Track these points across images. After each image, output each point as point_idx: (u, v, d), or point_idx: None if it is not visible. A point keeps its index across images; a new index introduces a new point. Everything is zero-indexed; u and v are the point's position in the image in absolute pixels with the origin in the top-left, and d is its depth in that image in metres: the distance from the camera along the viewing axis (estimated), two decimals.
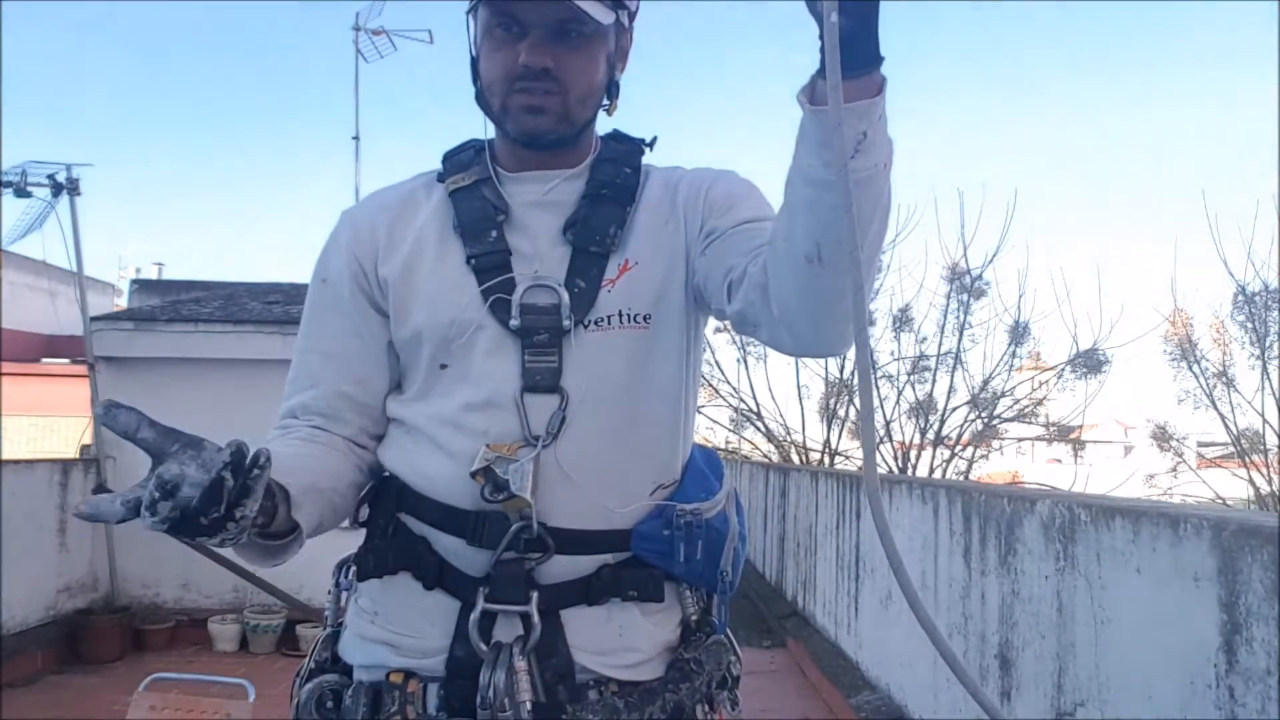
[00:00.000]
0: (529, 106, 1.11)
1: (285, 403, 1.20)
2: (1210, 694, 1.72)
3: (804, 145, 0.91)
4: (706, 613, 1.20)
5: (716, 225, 1.14)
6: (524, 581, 1.08)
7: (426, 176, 1.23)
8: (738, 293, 1.06)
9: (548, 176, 1.17)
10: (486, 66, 1.13)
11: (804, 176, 0.91)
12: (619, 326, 1.12)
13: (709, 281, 1.13)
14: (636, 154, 1.22)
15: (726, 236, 1.12)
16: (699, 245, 1.15)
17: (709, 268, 1.13)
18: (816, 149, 0.89)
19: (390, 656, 1.12)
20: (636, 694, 1.11)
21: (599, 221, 1.15)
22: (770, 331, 1.05)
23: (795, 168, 0.93)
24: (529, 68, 1.08)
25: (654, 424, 1.16)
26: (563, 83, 1.10)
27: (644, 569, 1.14)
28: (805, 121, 0.90)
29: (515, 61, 1.09)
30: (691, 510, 1.14)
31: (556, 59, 1.09)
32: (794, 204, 0.95)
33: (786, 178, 0.96)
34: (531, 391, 1.10)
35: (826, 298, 0.96)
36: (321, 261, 1.22)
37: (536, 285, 1.12)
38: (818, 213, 0.91)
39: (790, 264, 0.96)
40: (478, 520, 1.09)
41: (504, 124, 1.14)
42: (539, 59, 1.08)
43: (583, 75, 1.12)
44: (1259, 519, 1.74)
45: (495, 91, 1.12)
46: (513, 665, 1.05)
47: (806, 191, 0.91)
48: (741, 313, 1.06)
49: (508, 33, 1.09)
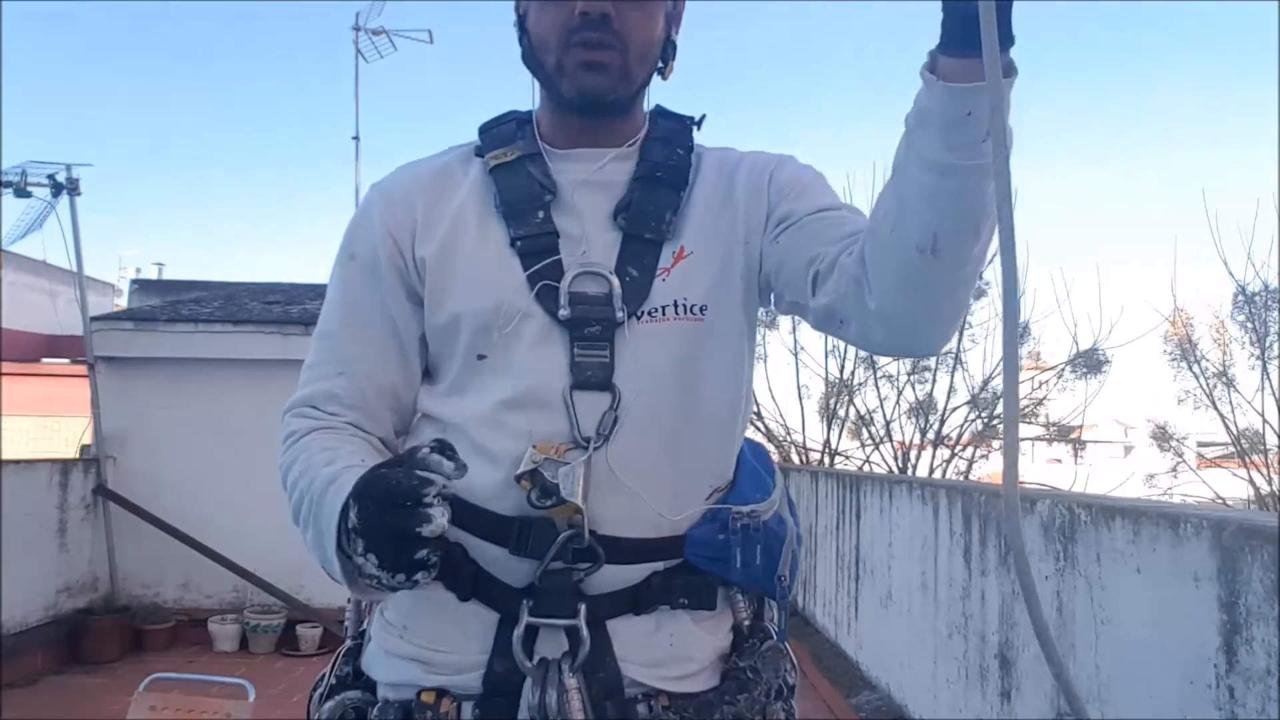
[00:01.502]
0: (588, 63, 1.02)
1: (303, 389, 1.10)
2: (1210, 694, 1.71)
3: (925, 129, 0.83)
4: (758, 616, 1.12)
5: (791, 210, 1.05)
6: (572, 593, 1.00)
7: (461, 150, 1.14)
8: (825, 284, 0.98)
9: (598, 154, 1.09)
10: (538, 20, 1.05)
11: (922, 162, 0.84)
12: (674, 318, 1.04)
13: (786, 271, 1.04)
14: (687, 133, 1.14)
15: (804, 224, 1.04)
16: (769, 232, 1.07)
17: (784, 256, 1.04)
18: (942, 130, 0.81)
19: (421, 674, 1.04)
20: (692, 707, 1.03)
21: (653, 206, 1.07)
22: (861, 327, 0.96)
23: (911, 153, 0.85)
24: (588, 16, 1.01)
25: (710, 421, 1.07)
26: (622, 36, 1.02)
27: (696, 575, 1.06)
28: (930, 101, 0.81)
29: (571, 12, 1.01)
30: (748, 512, 1.06)
31: (616, 9, 1.02)
32: (906, 191, 0.87)
33: (895, 163, 0.89)
34: (581, 388, 1.01)
35: (934, 292, 0.90)
36: (349, 237, 1.11)
37: (585, 272, 1.03)
38: (937, 200, 0.84)
39: (898, 255, 0.88)
40: (521, 527, 1.00)
41: (559, 84, 1.05)
42: (599, 5, 1.01)
43: (642, 29, 1.04)
44: (1259, 519, 1.74)
45: (549, 48, 1.04)
46: (563, 684, 0.98)
47: (925, 178, 0.84)
48: (830, 306, 0.98)
49: None
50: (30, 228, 6.14)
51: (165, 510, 5.84)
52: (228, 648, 5.67)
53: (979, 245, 0.87)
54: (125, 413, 6.04)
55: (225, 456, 5.82)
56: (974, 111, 0.78)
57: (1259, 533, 1.62)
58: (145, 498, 5.87)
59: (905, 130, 0.86)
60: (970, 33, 0.74)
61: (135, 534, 5.87)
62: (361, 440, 1.07)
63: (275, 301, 6.87)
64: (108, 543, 5.90)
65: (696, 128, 1.16)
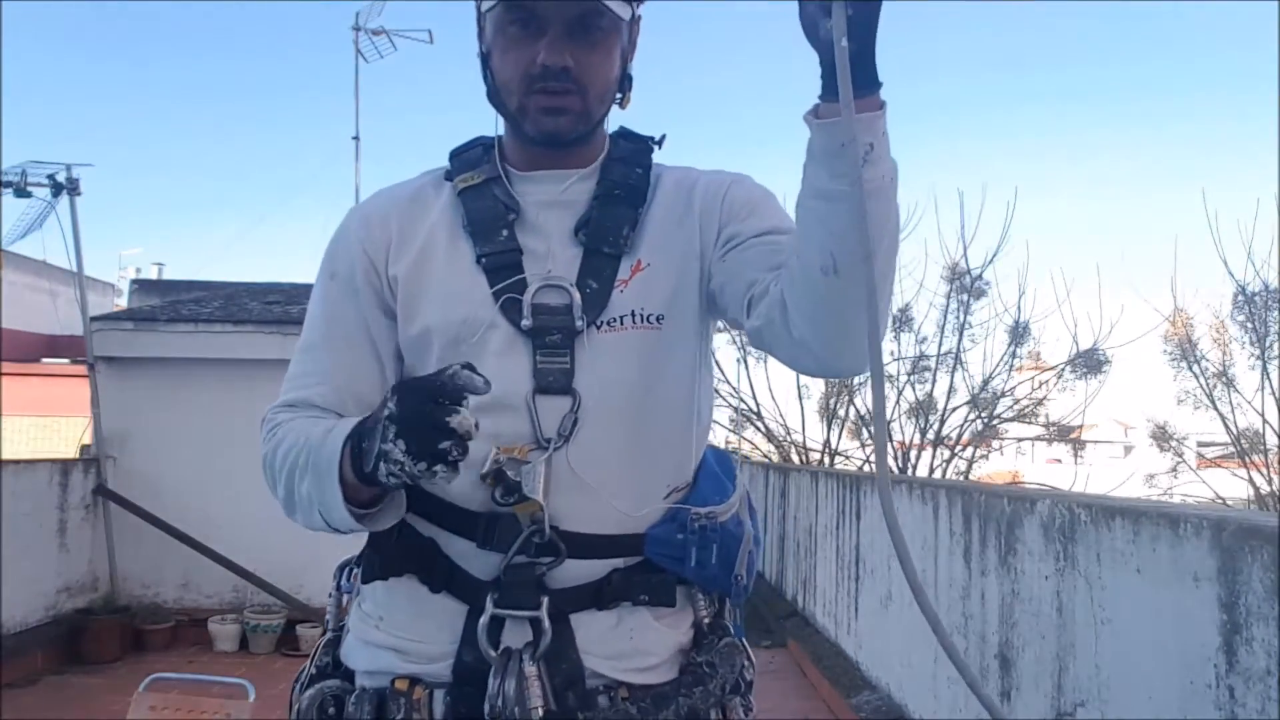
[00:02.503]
0: (549, 108, 1.09)
1: (285, 396, 1.15)
2: (1210, 694, 1.72)
3: (813, 163, 0.93)
4: (718, 615, 1.18)
5: (737, 232, 1.13)
6: (535, 586, 1.06)
7: (434, 174, 1.21)
8: (758, 309, 1.05)
9: (561, 176, 1.16)
10: (501, 65, 1.11)
11: (813, 191, 0.94)
12: (632, 327, 1.11)
13: (727, 292, 1.12)
14: (646, 153, 1.21)
15: (747, 246, 1.11)
16: (718, 250, 1.14)
17: (728, 277, 1.11)
18: (826, 162, 0.91)
19: (396, 662, 1.10)
20: (649, 698, 1.09)
21: (611, 222, 1.14)
22: (788, 352, 1.05)
23: (805, 186, 0.95)
24: (549, 68, 1.07)
25: (667, 426, 1.14)
26: (581, 82, 1.09)
27: (656, 573, 1.11)
28: (814, 139, 0.92)
29: (533, 61, 1.07)
30: (706, 514, 1.12)
31: (575, 57, 1.07)
32: (806, 221, 0.97)
33: (796, 202, 0.98)
34: (543, 393, 1.08)
35: (843, 312, 0.96)
36: (330, 256, 1.19)
37: (548, 285, 1.10)
38: (830, 224, 0.92)
39: (805, 280, 0.97)
40: (489, 523, 1.07)
41: (522, 124, 1.12)
42: (558, 58, 1.06)
43: (600, 72, 1.10)
44: (1259, 519, 1.74)
45: (512, 91, 1.11)
46: (523, 672, 1.03)
47: (818, 205, 0.94)
48: (760, 330, 1.06)
49: (524, 30, 1.08)
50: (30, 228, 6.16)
51: (165, 510, 5.85)
52: (228, 648, 5.67)
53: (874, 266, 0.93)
54: (125, 413, 6.04)
55: (225, 456, 5.81)
56: (846, 143, 0.88)
57: (1259, 533, 1.62)
58: (145, 498, 5.88)
59: (802, 172, 0.96)
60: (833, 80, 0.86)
61: (135, 534, 5.87)
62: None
63: (275, 301, 6.87)
64: (108, 543, 5.90)
65: (657, 147, 1.22)
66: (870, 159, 0.89)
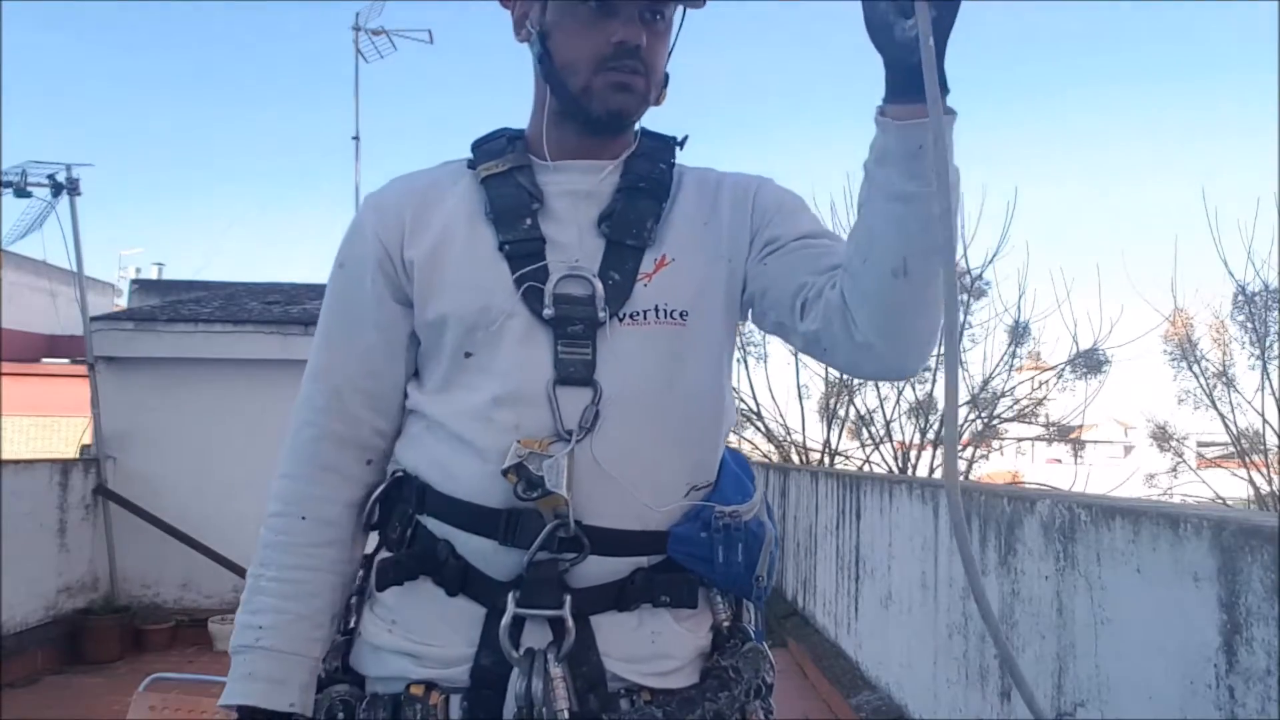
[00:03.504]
0: (619, 84, 1.09)
1: (300, 394, 1.17)
2: (1210, 694, 1.72)
3: (885, 166, 0.93)
4: (737, 618, 1.16)
5: (777, 235, 1.12)
6: (557, 584, 1.04)
7: (453, 164, 1.21)
8: (812, 313, 1.04)
9: (593, 166, 1.15)
10: (570, 44, 1.10)
11: (887, 194, 0.94)
12: (655, 322, 1.10)
13: (772, 295, 1.11)
14: (669, 151, 1.21)
15: (790, 249, 1.10)
16: (755, 254, 1.13)
17: (770, 281, 1.11)
18: (902, 164, 0.91)
19: (410, 667, 1.07)
20: (674, 702, 1.07)
21: (634, 215, 1.13)
22: (848, 356, 1.05)
23: (876, 189, 0.95)
24: (624, 45, 1.07)
25: (690, 422, 1.12)
26: (647, 63, 1.10)
27: (678, 573, 1.10)
28: (888, 142, 0.92)
29: (606, 40, 1.08)
30: (730, 512, 1.10)
31: (645, 39, 1.09)
32: (874, 224, 0.96)
33: (860, 203, 0.99)
34: (564, 384, 1.06)
35: (913, 314, 0.97)
36: (343, 247, 1.18)
37: (571, 275, 1.09)
38: (905, 226, 0.93)
39: (875, 283, 0.96)
40: (509, 519, 1.05)
41: (586, 104, 1.11)
42: (636, 35, 1.08)
43: (659, 58, 1.12)
44: (1259, 519, 1.74)
45: (579, 70, 1.10)
46: (548, 672, 1.01)
47: (891, 208, 0.94)
48: (816, 334, 1.05)
49: (597, 11, 1.08)
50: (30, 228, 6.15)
51: (165, 510, 5.85)
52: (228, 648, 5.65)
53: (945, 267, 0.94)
54: (125, 413, 6.04)
55: (225, 456, 5.81)
56: (924, 145, 0.89)
57: (1259, 533, 1.62)
58: (145, 498, 5.88)
59: (866, 174, 0.97)
60: (912, 81, 0.86)
61: (135, 534, 5.87)
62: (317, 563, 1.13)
63: (275, 301, 6.87)
64: (108, 543, 5.91)
65: (680, 147, 1.22)
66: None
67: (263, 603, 1.10)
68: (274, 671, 1.08)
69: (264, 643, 1.08)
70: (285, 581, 1.10)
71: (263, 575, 1.11)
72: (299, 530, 1.12)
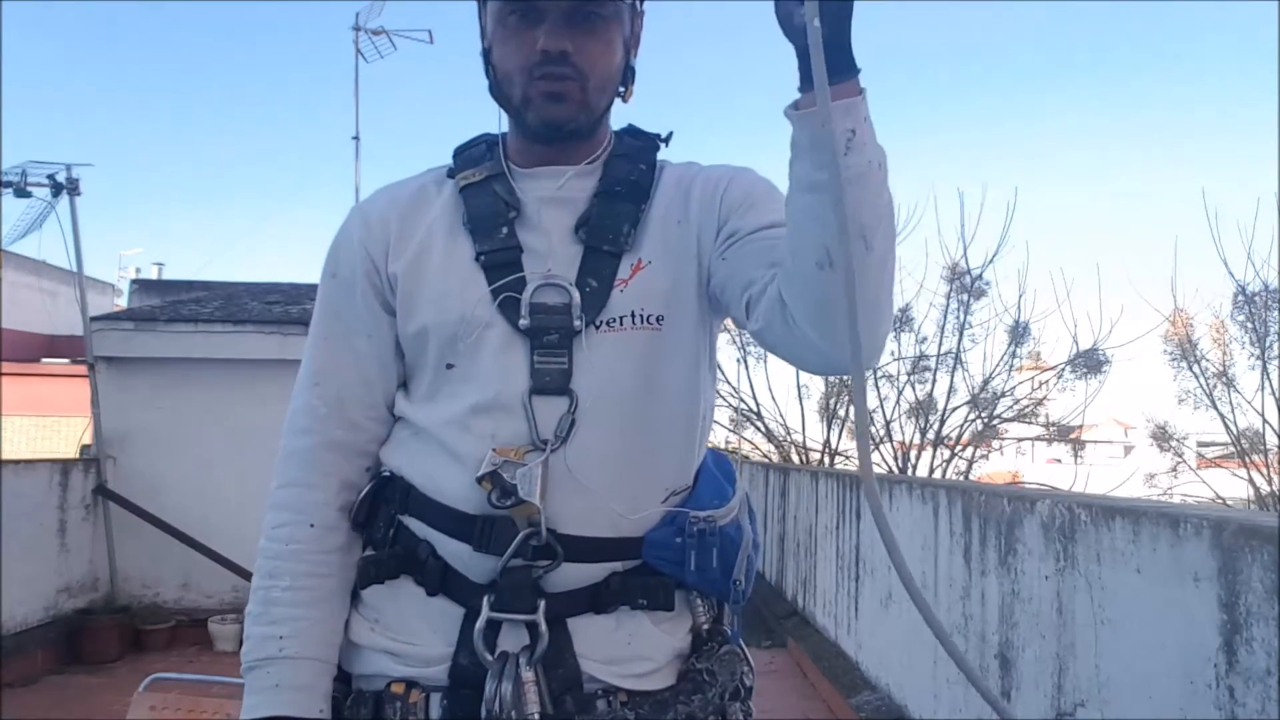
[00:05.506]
0: (550, 94, 1.08)
1: (294, 401, 1.17)
2: (1210, 694, 1.72)
3: (797, 158, 0.93)
4: (717, 621, 1.16)
5: (737, 228, 1.11)
6: (531, 589, 1.05)
7: (437, 171, 1.21)
8: (757, 310, 1.04)
9: (560, 171, 1.14)
10: (502, 56, 1.11)
11: (800, 185, 0.93)
12: (631, 327, 1.09)
13: (727, 292, 1.10)
14: (651, 150, 1.20)
15: (744, 243, 1.09)
16: (718, 247, 1.12)
17: (727, 276, 1.10)
18: (809, 153, 0.91)
19: (391, 665, 1.09)
20: (648, 704, 1.07)
21: (612, 220, 1.12)
22: (793, 350, 1.04)
23: (792, 182, 0.95)
24: (548, 53, 1.06)
25: (667, 428, 1.12)
26: (581, 69, 1.08)
27: (654, 577, 1.10)
28: (795, 132, 0.92)
29: (533, 48, 1.07)
30: (705, 518, 1.10)
31: (575, 44, 1.07)
32: (796, 217, 0.96)
33: (786, 200, 0.97)
34: (540, 393, 1.06)
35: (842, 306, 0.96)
36: (331, 256, 1.19)
37: (547, 284, 1.09)
38: (820, 216, 0.90)
39: (802, 277, 0.95)
40: (485, 525, 1.05)
41: (524, 115, 1.11)
42: (557, 43, 1.06)
43: (600, 60, 1.10)
44: (1259, 519, 1.74)
45: (514, 82, 1.10)
46: (519, 676, 1.02)
47: (806, 199, 0.93)
48: (761, 333, 1.05)
49: (523, 20, 1.08)
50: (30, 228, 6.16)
51: (165, 510, 5.84)
52: (228, 648, 5.67)
53: (872, 255, 0.92)
54: (125, 413, 6.04)
55: (225, 456, 5.81)
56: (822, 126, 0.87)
57: (1259, 533, 1.62)
58: (145, 498, 5.88)
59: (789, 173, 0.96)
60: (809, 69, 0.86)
61: (135, 534, 5.87)
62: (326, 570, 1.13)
63: (275, 301, 6.87)
64: (108, 543, 5.90)
65: (664, 144, 1.21)
66: (854, 145, 0.89)
67: (280, 613, 1.09)
68: (301, 679, 1.08)
69: (287, 651, 1.08)
70: (300, 589, 1.10)
71: (275, 586, 1.10)
72: (308, 538, 1.12)
